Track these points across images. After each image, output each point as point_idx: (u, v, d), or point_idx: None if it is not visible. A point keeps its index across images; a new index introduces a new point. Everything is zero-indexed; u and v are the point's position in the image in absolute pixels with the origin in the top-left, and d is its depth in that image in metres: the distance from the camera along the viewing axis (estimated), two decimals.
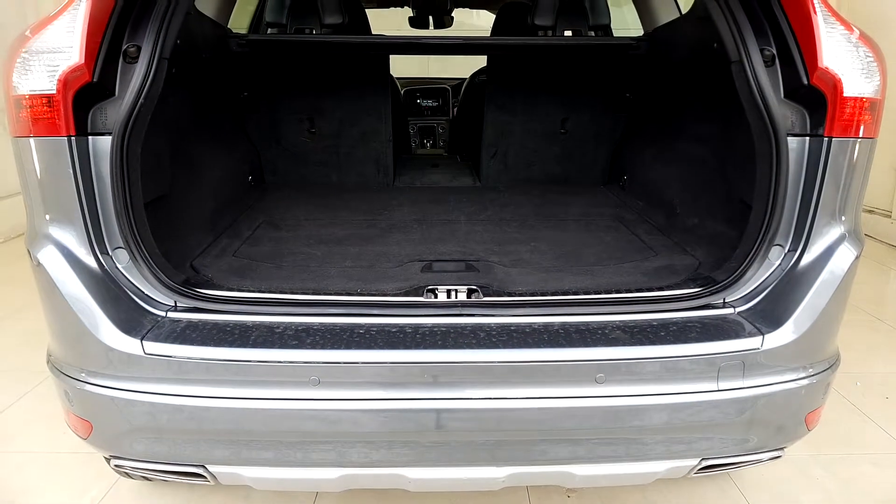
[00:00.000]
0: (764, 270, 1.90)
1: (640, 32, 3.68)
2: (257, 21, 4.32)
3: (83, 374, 1.78)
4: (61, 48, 1.69)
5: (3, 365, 3.39)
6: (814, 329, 1.79)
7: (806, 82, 1.80)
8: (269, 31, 3.45)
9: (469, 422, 1.76)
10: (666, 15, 3.45)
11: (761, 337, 1.76)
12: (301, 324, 1.81)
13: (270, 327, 1.79)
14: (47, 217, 1.78)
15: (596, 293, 1.95)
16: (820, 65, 1.75)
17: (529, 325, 1.81)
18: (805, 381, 1.81)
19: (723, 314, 1.89)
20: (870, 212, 5.94)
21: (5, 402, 3.00)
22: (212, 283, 1.99)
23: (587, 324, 1.82)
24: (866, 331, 3.91)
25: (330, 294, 1.93)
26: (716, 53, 2.16)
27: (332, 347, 1.71)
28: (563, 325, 1.81)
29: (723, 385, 1.74)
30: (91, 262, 1.79)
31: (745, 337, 1.76)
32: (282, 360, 1.70)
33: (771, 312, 1.84)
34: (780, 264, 1.89)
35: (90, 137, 1.77)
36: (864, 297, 4.32)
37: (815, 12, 1.74)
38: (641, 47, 3.30)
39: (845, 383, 3.18)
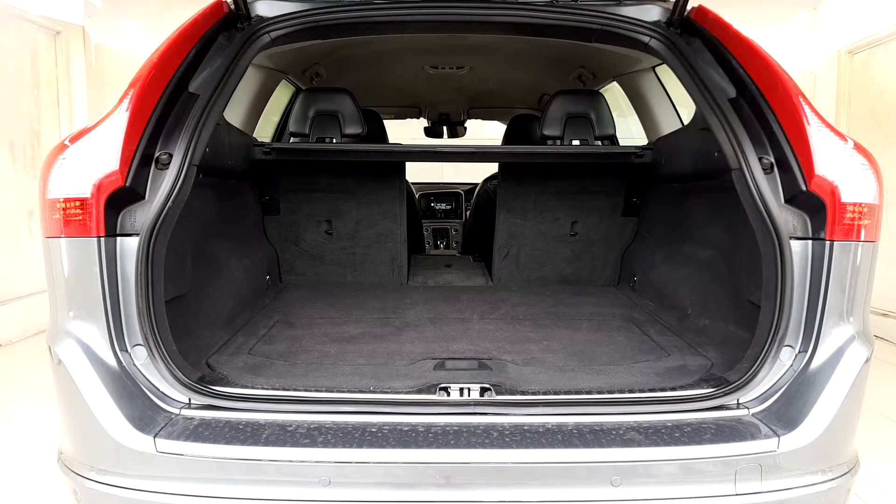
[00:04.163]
0: (776, 371, 1.90)
1: (645, 141, 3.85)
2: (281, 130, 4.56)
3: (93, 473, 1.77)
4: (98, 155, 1.80)
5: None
6: (830, 431, 1.77)
7: (804, 189, 1.87)
8: (293, 139, 3.64)
9: None
10: (668, 126, 3.62)
11: (777, 439, 1.74)
12: (313, 422, 1.81)
13: (283, 425, 1.80)
14: (70, 314, 1.84)
15: (609, 393, 1.95)
16: (816, 172, 1.83)
17: (543, 424, 1.80)
18: (825, 486, 1.77)
19: (737, 415, 1.87)
20: (884, 315, 5.90)
21: None
22: (226, 380, 2.01)
23: (601, 424, 1.81)
24: (889, 437, 3.79)
25: (343, 392, 1.94)
26: (717, 161, 2.26)
27: (344, 446, 1.70)
28: (577, 424, 1.80)
29: (741, 489, 1.71)
30: (110, 358, 1.83)
31: (761, 438, 1.74)
32: (293, 458, 1.69)
33: (786, 414, 1.83)
34: (791, 365, 1.90)
35: (118, 238, 1.85)
36: (885, 402, 4.21)
37: (808, 123, 1.85)
38: (646, 156, 3.44)
39: (870, 492, 3.06)
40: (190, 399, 1.87)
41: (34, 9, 5.90)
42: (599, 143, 3.50)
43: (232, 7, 2.37)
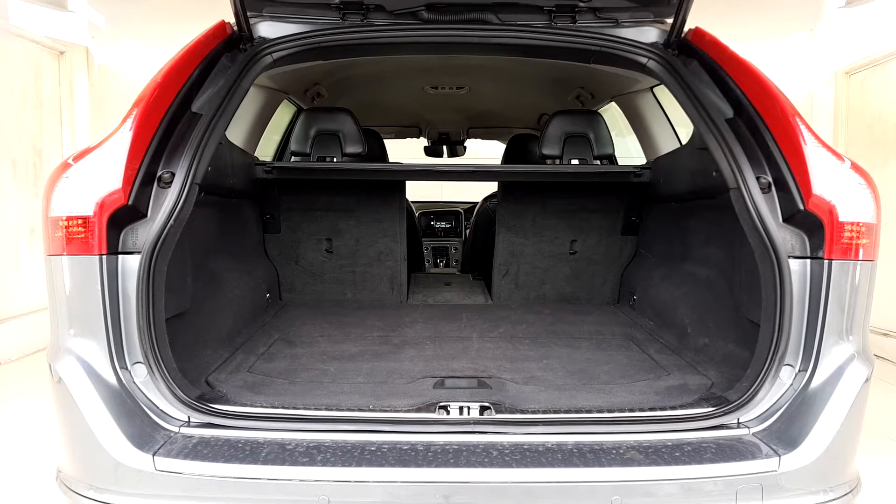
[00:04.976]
0: (776, 391, 1.90)
1: (644, 160, 3.87)
2: (282, 150, 4.59)
3: (91, 491, 1.77)
4: (101, 174, 1.82)
5: None
6: (831, 450, 1.76)
7: (802, 208, 1.88)
8: (294, 159, 3.67)
9: None
10: (666, 145, 3.64)
11: (778, 458, 1.73)
12: (312, 441, 1.81)
13: (282, 444, 1.79)
14: (71, 331, 1.84)
15: (609, 412, 1.94)
16: (814, 192, 1.84)
17: (543, 443, 1.79)
18: None
19: (738, 435, 1.87)
20: (885, 335, 5.88)
21: None
22: (226, 398, 2.01)
23: (601, 443, 1.80)
24: (891, 457, 3.77)
25: (342, 410, 1.93)
26: (715, 180, 2.28)
27: (343, 465, 1.70)
28: (577, 444, 1.79)
29: None
30: (109, 375, 1.82)
31: (762, 458, 1.74)
32: (292, 477, 1.68)
33: (786, 433, 1.82)
34: (791, 384, 1.89)
35: (120, 256, 1.86)
36: (886, 423, 4.19)
37: (805, 143, 1.86)
38: (644, 175, 3.46)
39: None
40: (189, 417, 1.86)
41: (39, 29, 5.97)
42: (598, 162, 3.52)
43: (235, 28, 2.41)
